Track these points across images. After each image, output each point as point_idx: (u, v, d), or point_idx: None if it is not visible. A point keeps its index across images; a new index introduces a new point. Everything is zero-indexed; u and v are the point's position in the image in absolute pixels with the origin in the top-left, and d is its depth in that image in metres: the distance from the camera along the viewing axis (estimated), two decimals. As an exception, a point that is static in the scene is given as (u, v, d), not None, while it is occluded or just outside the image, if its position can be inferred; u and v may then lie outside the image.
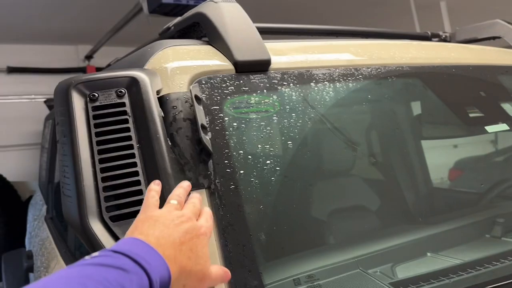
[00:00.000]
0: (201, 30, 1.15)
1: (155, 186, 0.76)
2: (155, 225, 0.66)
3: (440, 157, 1.74)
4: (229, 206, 0.83)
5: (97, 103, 0.82)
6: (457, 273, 0.99)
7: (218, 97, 0.92)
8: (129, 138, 0.80)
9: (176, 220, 0.68)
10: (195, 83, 0.91)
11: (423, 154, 1.67)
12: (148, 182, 0.78)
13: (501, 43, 1.70)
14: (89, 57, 4.90)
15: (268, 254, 0.95)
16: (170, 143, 0.82)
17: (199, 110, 0.85)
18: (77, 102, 0.82)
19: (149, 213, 0.69)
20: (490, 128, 1.27)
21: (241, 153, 0.92)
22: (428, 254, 1.11)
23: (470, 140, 1.64)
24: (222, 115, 0.91)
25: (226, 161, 0.87)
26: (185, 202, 0.75)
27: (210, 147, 0.83)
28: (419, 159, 1.67)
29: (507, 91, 1.38)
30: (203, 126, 0.84)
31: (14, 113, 4.59)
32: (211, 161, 0.85)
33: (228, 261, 0.79)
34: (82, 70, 4.87)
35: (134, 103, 0.83)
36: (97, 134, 0.80)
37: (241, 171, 0.90)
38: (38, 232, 2.41)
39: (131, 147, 0.81)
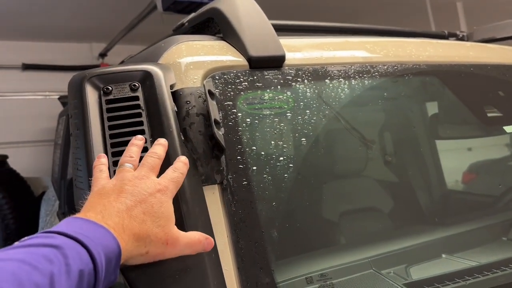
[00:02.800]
0: (215, 26, 1.15)
1: (101, 159, 0.72)
2: (99, 199, 0.61)
3: (455, 159, 1.71)
4: (241, 202, 0.82)
5: (111, 96, 0.82)
6: (473, 275, 0.96)
7: (232, 93, 0.92)
8: (142, 131, 0.80)
9: (125, 186, 0.63)
10: (209, 78, 0.90)
11: (437, 155, 1.64)
12: None
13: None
14: (103, 55, 4.93)
15: (280, 251, 0.93)
16: (183, 138, 0.81)
17: (213, 105, 0.85)
18: (91, 95, 0.81)
19: (96, 189, 0.65)
20: (508, 128, 1.24)
21: (254, 149, 0.91)
22: (443, 255, 1.09)
23: (485, 143, 1.61)
24: (235, 110, 0.90)
25: (238, 157, 0.86)
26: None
27: (223, 143, 0.82)
28: (435, 159, 1.64)
29: (526, 91, 1.35)
30: (216, 121, 0.83)
31: (29, 109, 4.65)
32: (223, 156, 0.84)
33: (240, 257, 0.78)
34: (96, 68, 4.90)
35: (147, 97, 0.83)
36: (110, 127, 0.79)
37: (254, 168, 0.89)
38: (50, 227, 2.43)
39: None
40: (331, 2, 4.03)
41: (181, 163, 0.71)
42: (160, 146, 0.72)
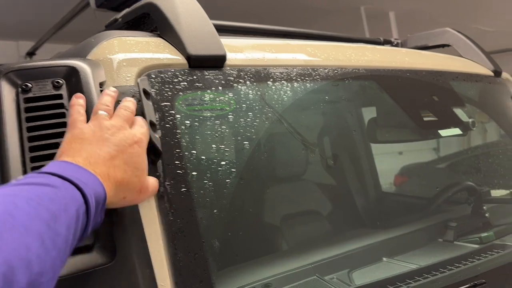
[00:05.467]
0: (151, 22, 1.08)
1: (79, 100, 0.71)
2: (82, 144, 0.63)
3: (388, 163, 1.76)
4: (179, 211, 0.76)
5: (30, 95, 0.73)
6: (414, 278, 0.97)
7: (169, 93, 0.85)
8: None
9: (105, 134, 0.65)
10: (144, 76, 0.83)
11: (373, 159, 1.68)
12: None
13: (450, 51, 1.74)
14: (31, 53, 4.62)
15: (222, 262, 0.88)
16: None
17: (148, 105, 0.78)
18: (7, 93, 0.72)
19: (75, 132, 0.66)
20: (443, 132, 1.28)
21: (193, 153, 0.85)
22: (384, 259, 1.10)
23: (416, 147, 1.66)
24: (173, 112, 0.84)
25: (177, 162, 0.80)
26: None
27: (159, 146, 0.76)
28: (371, 163, 1.67)
29: (458, 96, 1.40)
30: (152, 123, 0.77)
31: None
32: (160, 161, 0.78)
33: (177, 271, 0.72)
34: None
35: (73, 95, 0.74)
36: (29, 129, 0.71)
37: (194, 173, 0.83)
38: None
39: None
40: (269, 10, 4.06)
41: (142, 121, 0.74)
42: (130, 103, 0.75)
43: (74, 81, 0.76)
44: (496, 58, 1.70)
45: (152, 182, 0.72)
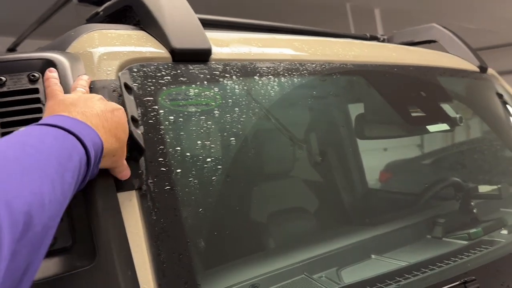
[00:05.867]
0: (133, 15, 1.04)
1: (53, 73, 0.72)
2: (72, 104, 0.64)
3: (375, 159, 1.75)
4: (163, 210, 0.73)
5: (4, 89, 0.69)
6: (403, 276, 0.96)
7: (152, 87, 0.82)
8: None
9: (92, 98, 0.67)
10: (125, 70, 0.80)
11: (359, 155, 1.67)
12: None
13: (436, 47, 1.73)
14: (11, 50, 4.50)
15: (208, 262, 0.86)
16: None
17: (129, 100, 0.75)
18: None
19: (59, 98, 0.67)
20: (431, 128, 1.27)
21: (178, 150, 0.82)
22: (373, 256, 1.09)
23: (401, 143, 1.65)
24: (156, 107, 0.81)
25: (160, 159, 0.77)
26: None
27: (142, 143, 0.73)
28: (357, 159, 1.66)
29: (445, 92, 1.39)
30: (133, 119, 0.73)
31: None
32: (143, 158, 0.75)
33: (161, 273, 0.69)
34: None
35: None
36: (3, 125, 0.67)
37: (178, 170, 0.80)
38: None
39: None
40: (252, 4, 4.03)
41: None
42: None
43: None
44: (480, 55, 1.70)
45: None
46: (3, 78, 0.69)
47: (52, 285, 0.60)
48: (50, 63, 0.72)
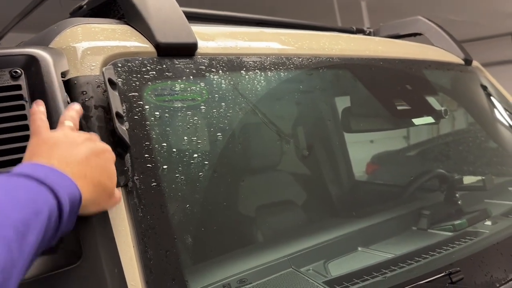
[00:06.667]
0: (118, 9, 1.03)
1: (40, 107, 0.67)
2: (53, 147, 0.60)
3: (361, 152, 1.76)
4: (149, 207, 0.73)
5: None
6: (390, 268, 0.97)
7: (137, 82, 0.81)
8: (25, 127, 0.68)
9: (77, 139, 0.63)
10: (109, 65, 0.79)
11: (346, 147, 1.67)
12: None
13: (421, 40, 1.74)
14: (-7, 43, 4.42)
15: (195, 258, 0.86)
16: None
17: (114, 96, 0.74)
18: None
19: (43, 136, 0.62)
20: (417, 121, 1.28)
21: (164, 146, 0.82)
22: (359, 248, 1.10)
23: (387, 135, 1.67)
24: (141, 102, 0.80)
25: (146, 155, 0.77)
26: None
27: (127, 139, 0.72)
28: (344, 152, 1.67)
29: (431, 85, 1.41)
30: (118, 115, 0.73)
31: None
32: (128, 155, 0.74)
33: (148, 270, 0.69)
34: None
35: (32, 86, 0.70)
36: None
37: (164, 167, 0.80)
38: None
39: (27, 138, 0.67)
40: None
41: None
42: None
43: (33, 70, 0.71)
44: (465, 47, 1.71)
45: (117, 191, 0.69)
46: (-16, 75, 0.68)
47: (39, 284, 0.59)
48: (33, 59, 0.71)
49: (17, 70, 0.70)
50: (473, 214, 1.26)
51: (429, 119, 1.32)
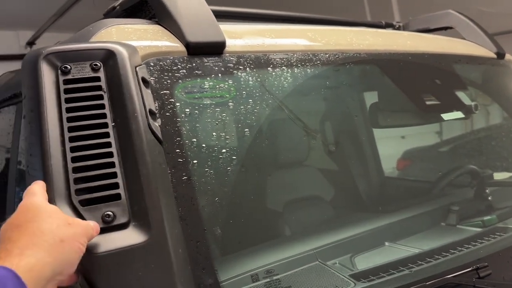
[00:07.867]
0: (149, 9, 1.07)
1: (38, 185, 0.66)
2: (23, 233, 0.57)
3: (391, 147, 1.75)
4: (181, 199, 0.76)
5: (69, 76, 0.73)
6: (416, 263, 0.97)
7: (169, 81, 0.85)
8: (103, 115, 0.73)
9: (43, 225, 0.59)
10: (142, 64, 0.82)
11: (375, 142, 1.67)
12: (123, 164, 0.71)
13: (452, 34, 1.71)
14: (31, 43, 4.58)
15: (224, 249, 0.89)
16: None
17: (147, 94, 0.78)
18: (47, 75, 0.73)
19: (16, 218, 0.60)
20: (446, 116, 1.27)
21: (194, 141, 0.85)
22: (386, 243, 1.10)
23: (418, 130, 1.65)
24: (173, 100, 0.83)
25: (178, 150, 0.80)
26: None
27: (160, 135, 0.76)
28: (373, 147, 1.66)
29: (461, 79, 1.39)
30: (151, 112, 0.76)
31: None
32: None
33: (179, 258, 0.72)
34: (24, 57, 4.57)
35: (110, 78, 0.75)
36: (68, 110, 0.72)
37: (194, 161, 0.83)
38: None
39: (105, 125, 0.73)
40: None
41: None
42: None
43: (111, 64, 0.76)
44: (497, 40, 1.67)
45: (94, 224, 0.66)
46: (68, 66, 0.74)
47: (110, 259, 0.64)
48: (111, 53, 0.76)
49: (97, 63, 0.75)
50: (503, 210, 1.24)
51: (459, 114, 1.30)
